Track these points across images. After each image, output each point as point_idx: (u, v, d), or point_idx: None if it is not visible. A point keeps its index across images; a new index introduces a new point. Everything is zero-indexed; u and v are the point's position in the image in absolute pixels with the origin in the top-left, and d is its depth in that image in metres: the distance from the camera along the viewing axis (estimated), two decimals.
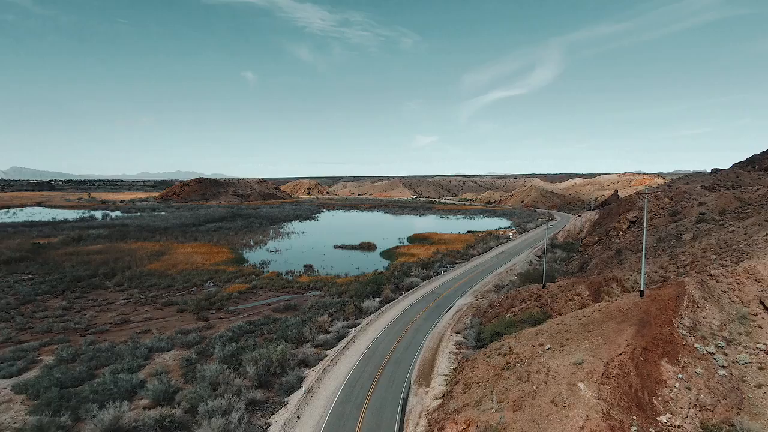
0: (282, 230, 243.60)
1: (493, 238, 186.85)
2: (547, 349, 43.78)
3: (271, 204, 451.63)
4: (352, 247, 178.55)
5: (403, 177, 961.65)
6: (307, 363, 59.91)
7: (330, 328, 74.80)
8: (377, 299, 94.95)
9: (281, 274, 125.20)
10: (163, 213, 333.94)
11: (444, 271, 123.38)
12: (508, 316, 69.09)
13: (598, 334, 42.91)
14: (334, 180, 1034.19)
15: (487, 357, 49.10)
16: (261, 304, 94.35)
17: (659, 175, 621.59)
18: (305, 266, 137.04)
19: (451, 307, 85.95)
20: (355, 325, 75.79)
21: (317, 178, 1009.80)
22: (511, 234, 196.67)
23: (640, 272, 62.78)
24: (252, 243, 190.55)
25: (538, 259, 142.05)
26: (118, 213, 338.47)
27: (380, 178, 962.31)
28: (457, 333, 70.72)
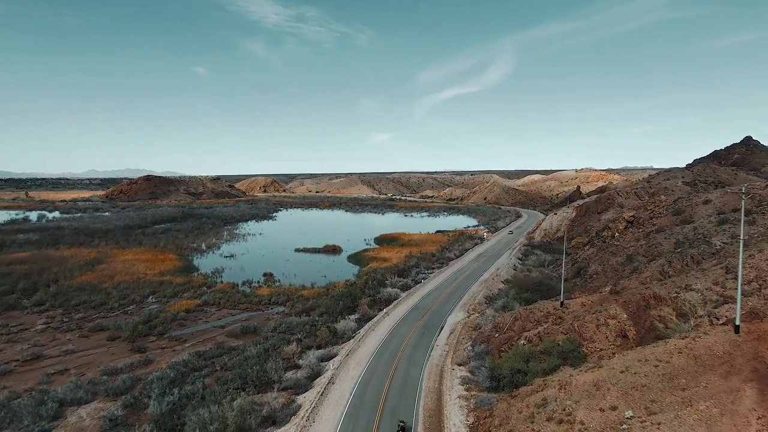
0: (237, 231, 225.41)
1: (467, 238, 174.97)
2: (628, 418, 30.59)
3: (225, 203, 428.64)
4: (316, 251, 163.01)
5: (362, 174, 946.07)
6: (274, 420, 44.92)
7: (300, 361, 60.02)
8: (353, 317, 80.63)
9: (237, 285, 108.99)
10: (106, 213, 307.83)
11: (423, 278, 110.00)
12: (521, 342, 56.05)
13: (700, 396, 29.96)
14: (291, 177, 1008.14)
15: (528, 418, 35.69)
16: (213, 327, 78.38)
17: (609, 171, 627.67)
18: (264, 275, 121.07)
19: (442, 327, 72.50)
20: (332, 356, 61.17)
21: (273, 175, 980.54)
22: (485, 234, 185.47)
23: (692, 290, 50.87)
24: (204, 247, 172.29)
25: (520, 262, 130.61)
26: (56, 214, 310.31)
27: (338, 175, 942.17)
28: (460, 365, 57.21)
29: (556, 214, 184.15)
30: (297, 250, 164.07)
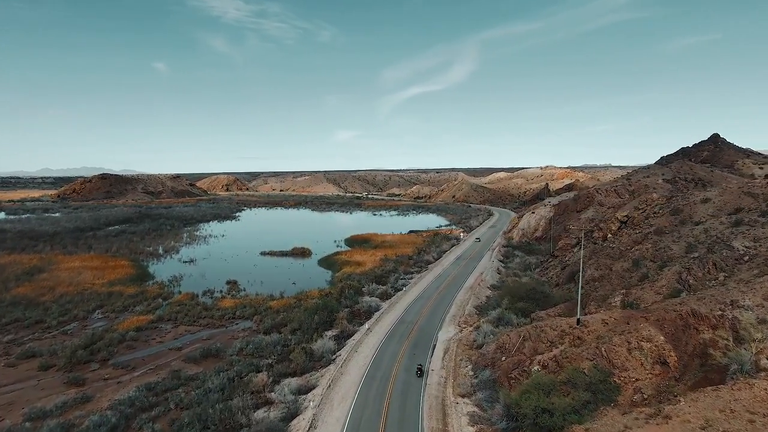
0: (198, 233, 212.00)
1: (443, 239, 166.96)
2: None
3: (185, 202, 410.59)
4: (283, 254, 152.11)
5: (327, 172, 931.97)
6: None
7: (273, 394, 50.22)
8: (330, 333, 71.16)
9: (197, 296, 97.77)
10: (56, 214, 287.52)
11: (403, 285, 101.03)
12: (535, 368, 47.66)
13: None
14: (254, 175, 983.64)
15: None
16: (168, 349, 67.55)
17: (571, 168, 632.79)
18: (228, 282, 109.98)
19: (434, 346, 63.61)
20: (310, 388, 51.39)
21: (236, 173, 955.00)
22: (462, 234, 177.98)
23: (740, 306, 43.30)
24: (161, 251, 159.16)
25: (503, 264, 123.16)
26: (1, 215, 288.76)
27: (302, 173, 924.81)
28: (464, 396, 48.39)
29: (533, 213, 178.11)
30: (263, 254, 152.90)
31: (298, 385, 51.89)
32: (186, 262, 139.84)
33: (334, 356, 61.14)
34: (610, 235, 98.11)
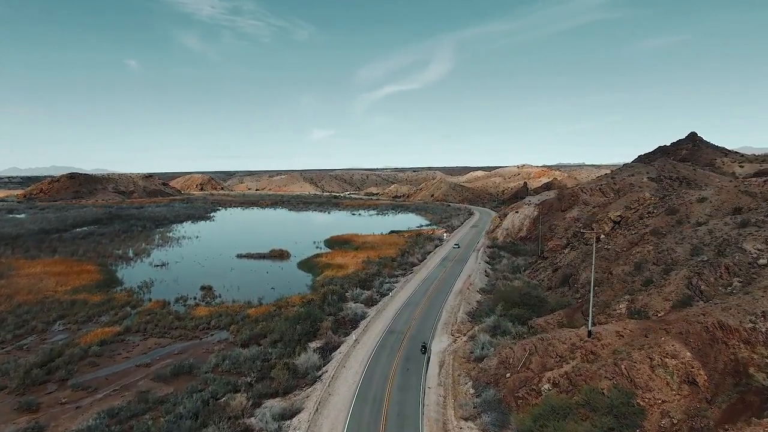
0: (171, 234, 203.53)
1: (426, 239, 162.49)
2: None
3: (158, 202, 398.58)
4: (261, 256, 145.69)
5: (303, 171, 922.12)
6: None
7: (252, 420, 44.76)
8: (315, 344, 66.01)
9: (169, 303, 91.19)
10: (21, 216, 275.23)
11: (389, 289, 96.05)
12: (546, 387, 43.23)
13: None
14: (229, 175, 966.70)
15: None
16: (136, 366, 61.38)
17: (546, 167, 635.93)
18: (202, 288, 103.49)
19: (429, 359, 58.77)
20: (295, 412, 45.99)
21: (211, 172, 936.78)
22: (445, 235, 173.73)
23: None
24: (131, 254, 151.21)
25: (491, 266, 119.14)
26: None
27: (278, 172, 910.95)
28: (467, 419, 43.58)
29: (517, 212, 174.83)
30: (239, 256, 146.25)
31: (281, 408, 46.46)
32: (158, 265, 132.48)
33: (320, 372, 55.87)
34: (603, 236, 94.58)
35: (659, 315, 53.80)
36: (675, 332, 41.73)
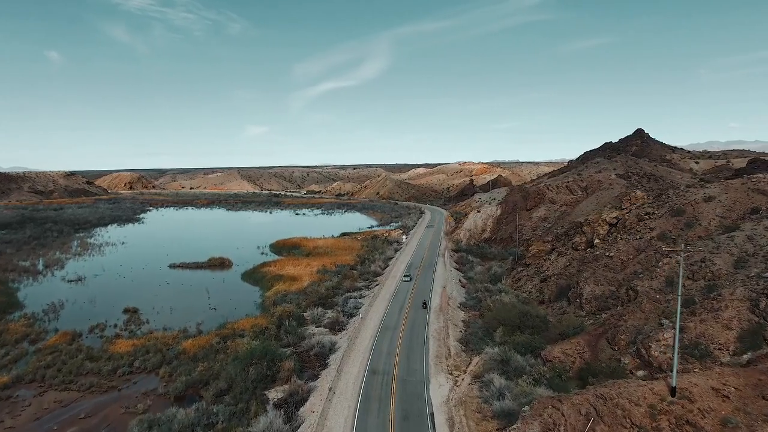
0: (92, 240, 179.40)
1: (384, 242, 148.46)
2: None
3: (80, 202, 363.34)
4: (198, 266, 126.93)
5: (240, 168, 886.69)
6: None
7: None
8: (274, 394, 50.28)
9: (80, 335, 72.52)
10: None
11: (355, 307, 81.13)
12: None
13: None
14: (161, 173, 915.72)
15: None
16: None
17: (482, 163, 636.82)
18: (126, 311, 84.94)
19: (432, 414, 44.31)
20: None
21: (141, 170, 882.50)
22: (403, 237, 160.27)
23: None
24: (40, 267, 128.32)
25: (463, 275, 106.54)
26: None
27: (213, 170, 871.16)
28: None
29: (479, 211, 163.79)
30: (172, 267, 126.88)
31: None
32: (72, 281, 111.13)
33: None
34: (597, 241, 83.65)
35: (729, 350, 42.13)
36: None
